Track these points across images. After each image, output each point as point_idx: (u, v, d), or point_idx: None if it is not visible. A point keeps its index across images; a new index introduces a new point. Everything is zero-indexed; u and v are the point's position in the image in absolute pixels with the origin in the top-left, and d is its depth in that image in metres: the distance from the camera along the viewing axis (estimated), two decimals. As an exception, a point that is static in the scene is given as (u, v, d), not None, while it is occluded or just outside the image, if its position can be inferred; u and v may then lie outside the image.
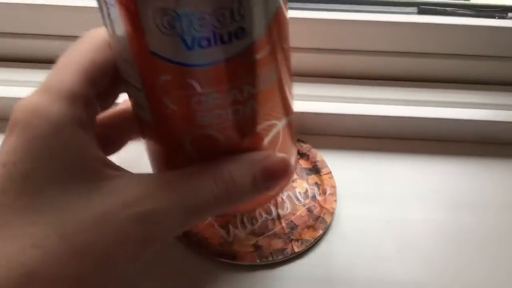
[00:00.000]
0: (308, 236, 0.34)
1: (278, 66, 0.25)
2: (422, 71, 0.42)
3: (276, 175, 0.26)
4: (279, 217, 0.35)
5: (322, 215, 0.35)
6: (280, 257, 0.33)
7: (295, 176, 0.38)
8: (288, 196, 0.36)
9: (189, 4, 0.21)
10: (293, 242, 0.33)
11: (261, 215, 0.35)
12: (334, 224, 0.35)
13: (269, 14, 0.23)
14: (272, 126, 0.27)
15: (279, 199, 0.36)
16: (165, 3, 0.21)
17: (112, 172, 0.24)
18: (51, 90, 0.24)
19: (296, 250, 0.33)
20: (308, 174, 0.38)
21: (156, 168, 0.30)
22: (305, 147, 0.39)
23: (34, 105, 0.23)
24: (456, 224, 0.35)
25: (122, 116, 0.30)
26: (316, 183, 0.37)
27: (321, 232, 0.34)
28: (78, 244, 0.22)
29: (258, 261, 0.32)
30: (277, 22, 0.23)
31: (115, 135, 0.30)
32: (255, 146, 0.27)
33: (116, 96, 0.29)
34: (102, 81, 0.26)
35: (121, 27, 0.22)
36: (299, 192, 0.37)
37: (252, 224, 0.35)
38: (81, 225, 0.22)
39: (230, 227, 0.34)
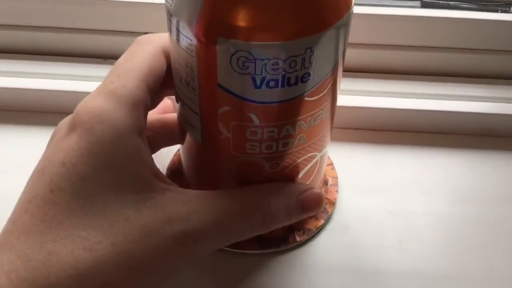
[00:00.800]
0: (310, 225, 0.34)
1: (330, 104, 0.27)
2: (425, 65, 0.42)
3: (310, 208, 0.29)
4: (281, 207, 0.35)
5: (324, 205, 0.35)
6: (282, 246, 0.33)
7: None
8: (291, 187, 0.37)
9: (267, 51, 0.22)
10: (295, 231, 0.34)
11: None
12: (335, 214, 0.35)
13: (333, 62, 0.25)
14: (312, 157, 0.29)
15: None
16: (244, 47, 0.22)
17: (161, 184, 0.25)
18: (115, 95, 0.25)
19: (298, 239, 0.33)
20: (310, 166, 0.38)
21: (190, 174, 0.33)
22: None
23: (99, 109, 0.24)
24: (458, 216, 0.35)
25: (163, 123, 0.32)
26: (318, 174, 0.38)
27: (322, 221, 0.34)
28: (127, 253, 0.23)
29: (260, 250, 0.33)
30: (336, 68, 0.26)
31: (155, 140, 0.31)
32: (295, 174, 0.29)
33: (160, 100, 0.31)
34: (157, 87, 0.27)
35: (192, 57, 0.24)
36: (301, 183, 0.37)
37: (255, 214, 0.35)
38: (130, 236, 0.23)
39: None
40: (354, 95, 0.40)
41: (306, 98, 0.25)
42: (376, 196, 0.36)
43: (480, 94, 0.41)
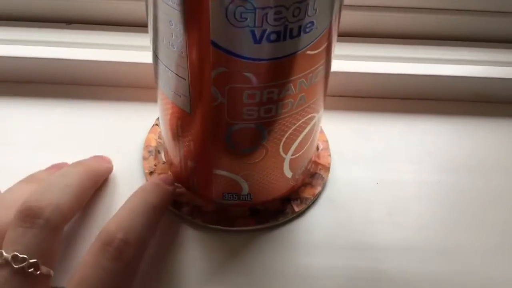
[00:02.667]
0: (307, 194, 0.32)
1: (329, 60, 0.25)
2: (414, 28, 0.40)
3: None
4: (273, 177, 0.33)
5: (318, 171, 0.33)
6: (280, 218, 0.31)
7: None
8: (280, 155, 0.34)
9: None
10: (292, 201, 0.31)
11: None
12: (330, 179, 0.33)
13: (336, 9, 0.22)
14: (311, 118, 0.27)
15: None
16: None
17: None
18: None
19: (296, 209, 0.31)
20: (297, 131, 0.36)
21: (174, 151, 0.29)
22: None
23: None
24: (448, 185, 0.33)
25: None
26: (307, 139, 0.35)
27: (319, 188, 0.32)
28: None
29: (257, 225, 0.30)
30: (338, 17, 0.23)
31: None
32: (294, 138, 0.27)
33: None
34: None
35: (177, 10, 0.21)
36: (291, 150, 0.35)
37: (246, 187, 0.32)
38: None
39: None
40: (341, 59, 0.38)
41: (308, 52, 0.22)
42: (364, 166, 0.34)
43: (470, 58, 0.39)
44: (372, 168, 0.34)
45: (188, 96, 0.24)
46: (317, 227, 0.31)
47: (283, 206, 0.31)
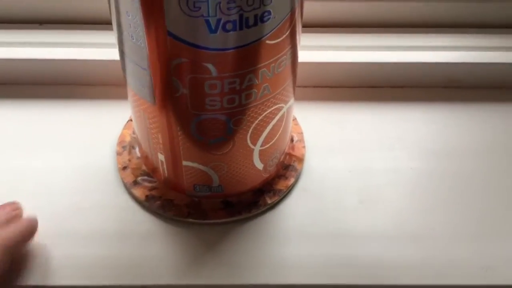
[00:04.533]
0: (280, 186, 0.32)
1: (294, 50, 0.25)
2: (383, 16, 0.40)
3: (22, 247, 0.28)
4: (247, 170, 0.33)
5: (292, 163, 0.33)
6: (253, 210, 0.31)
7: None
8: (254, 148, 0.34)
9: None
10: (265, 193, 0.31)
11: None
12: (304, 170, 0.33)
13: None
14: (279, 109, 0.27)
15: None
16: None
17: None
18: None
19: (269, 201, 0.31)
20: (272, 123, 0.36)
21: (145, 144, 0.29)
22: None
23: None
24: (420, 171, 0.33)
25: None
26: (281, 132, 0.35)
27: (292, 180, 0.32)
28: None
29: (230, 218, 0.30)
30: (299, 7, 0.23)
31: None
32: (262, 129, 0.27)
33: None
34: None
35: (134, 1, 0.21)
36: (265, 142, 0.35)
37: (219, 180, 0.32)
38: None
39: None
40: (309, 50, 0.38)
41: (267, 42, 0.22)
42: (337, 155, 0.34)
43: (440, 44, 0.39)
44: (345, 157, 0.34)
45: (151, 87, 0.24)
46: (290, 218, 0.31)
47: (256, 198, 0.31)
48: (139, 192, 0.31)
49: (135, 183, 0.31)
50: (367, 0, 0.39)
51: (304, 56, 0.36)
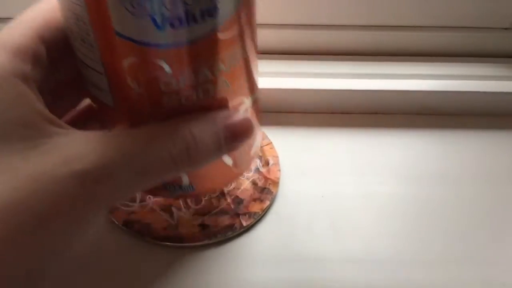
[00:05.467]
0: (255, 208, 0.33)
1: (247, 42, 0.25)
2: (357, 44, 0.41)
3: (239, 134, 0.25)
4: (223, 193, 0.34)
5: (267, 186, 0.34)
6: (229, 233, 0.31)
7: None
8: (231, 172, 0.35)
9: None
10: (240, 216, 0.32)
11: (204, 194, 0.34)
12: (279, 194, 0.34)
13: None
14: (240, 104, 0.26)
15: (221, 176, 0.35)
16: None
17: (56, 129, 0.22)
18: None
19: (245, 224, 0.32)
20: (248, 148, 0.37)
21: None
22: (242, 120, 0.38)
23: None
24: (391, 196, 0.34)
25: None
26: (258, 156, 0.36)
27: (268, 203, 0.33)
28: (12, 204, 0.19)
29: (206, 240, 0.31)
30: (249, 1, 0.23)
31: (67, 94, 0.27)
32: None
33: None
34: (55, 40, 0.24)
35: (81, 6, 0.21)
36: (242, 166, 0.36)
37: (197, 204, 0.33)
38: (13, 184, 0.20)
39: (174, 209, 0.33)
40: (286, 77, 0.39)
41: (219, 36, 0.22)
42: (310, 180, 0.35)
43: (412, 72, 0.40)
44: (318, 182, 0.35)
45: (107, 89, 0.24)
46: (263, 241, 0.32)
47: (232, 221, 0.32)
48: (117, 216, 0.32)
49: (114, 208, 0.32)
50: (341, 29, 0.40)
51: (279, 83, 0.38)
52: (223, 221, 0.32)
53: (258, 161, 0.36)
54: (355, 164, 0.36)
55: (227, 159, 0.29)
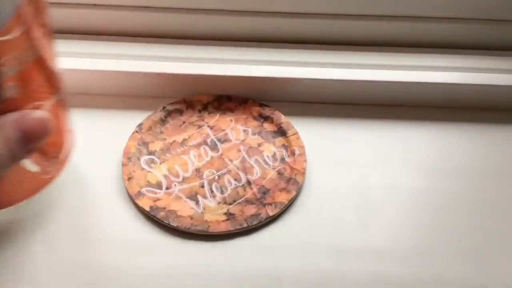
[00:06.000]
0: (281, 198, 0.32)
1: (38, 42, 0.23)
2: (387, 34, 0.40)
3: (34, 136, 0.24)
4: (249, 182, 0.34)
5: (293, 176, 0.34)
6: (255, 222, 0.31)
7: (261, 140, 0.36)
8: (256, 161, 0.35)
9: None
10: (266, 206, 0.32)
11: (230, 182, 0.34)
12: (305, 184, 0.34)
13: None
14: (37, 106, 0.25)
15: (247, 164, 0.34)
16: None
17: None
18: None
19: (271, 213, 0.32)
20: (274, 137, 0.37)
21: None
22: (268, 109, 0.38)
23: None
24: (418, 190, 0.34)
25: None
26: (283, 145, 0.36)
27: (294, 193, 0.33)
28: None
29: (231, 228, 0.31)
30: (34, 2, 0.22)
31: None
32: None
33: None
34: None
35: None
36: (267, 156, 0.35)
37: (222, 193, 0.33)
38: None
39: (199, 197, 0.33)
40: (315, 67, 0.38)
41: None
42: (337, 172, 0.35)
43: (441, 64, 0.39)
44: (343, 173, 0.35)
45: None
46: (289, 231, 0.32)
47: (258, 210, 0.32)
48: (143, 202, 0.32)
49: (140, 193, 0.32)
50: (368, 20, 0.39)
51: (310, 73, 0.37)
52: (249, 210, 0.32)
53: (283, 150, 0.35)
54: (379, 156, 0.36)
55: (31, 165, 0.27)
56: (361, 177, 0.34)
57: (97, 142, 0.35)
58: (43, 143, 0.25)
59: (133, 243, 0.31)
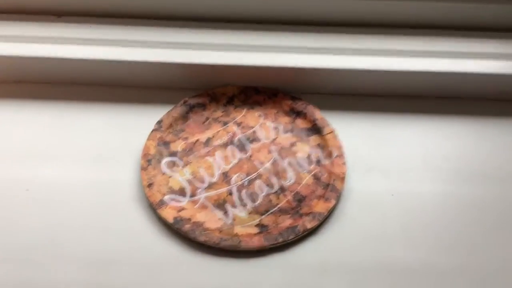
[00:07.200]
0: (320, 208, 0.29)
1: None
2: (439, 18, 0.36)
3: None
4: (282, 189, 0.30)
5: (332, 182, 0.30)
6: (291, 236, 0.28)
7: (293, 139, 0.32)
8: (290, 163, 0.31)
9: None
10: (303, 217, 0.29)
11: (261, 189, 0.30)
12: (345, 191, 0.30)
13: None
14: None
15: (279, 168, 0.31)
16: None
17: None
18: None
19: (308, 226, 0.28)
20: (308, 135, 0.33)
21: None
22: (300, 103, 0.34)
23: None
24: (470, 197, 0.30)
25: None
26: (319, 145, 0.32)
27: (333, 202, 0.29)
28: None
29: (265, 243, 0.28)
30: None
31: None
32: None
33: None
34: None
35: None
36: (301, 157, 0.32)
37: (253, 201, 0.30)
38: None
39: (228, 206, 0.29)
40: (350, 55, 0.34)
41: None
42: (378, 176, 0.31)
43: (497, 51, 0.34)
44: (387, 178, 0.31)
45: None
46: (330, 246, 0.28)
47: (294, 222, 0.28)
48: (166, 213, 0.28)
49: (162, 202, 0.29)
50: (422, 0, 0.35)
51: (348, 61, 0.33)
52: (284, 221, 0.29)
53: (319, 151, 0.32)
54: (430, 157, 0.32)
55: None
56: (408, 183, 0.31)
57: (111, 141, 0.32)
58: None
59: (154, 261, 0.27)
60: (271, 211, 0.29)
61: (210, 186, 0.30)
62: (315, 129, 0.33)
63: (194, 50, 0.34)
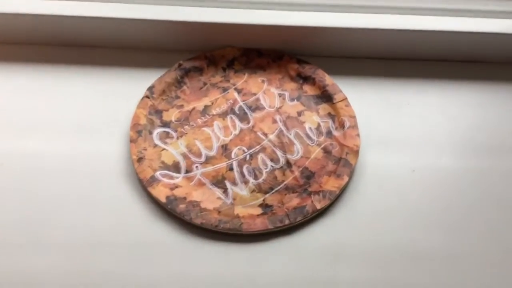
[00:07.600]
0: (331, 185, 0.26)
1: None
2: None
3: None
4: (289, 164, 0.27)
5: (344, 156, 0.27)
6: (299, 218, 0.25)
7: (301, 108, 0.29)
8: (297, 135, 0.28)
9: None
10: (312, 195, 0.25)
11: (265, 163, 0.27)
12: (359, 166, 0.27)
13: None
14: None
15: (285, 140, 0.28)
16: None
17: None
18: None
19: (318, 206, 0.25)
20: (317, 103, 0.29)
21: None
22: (308, 67, 0.30)
23: None
24: (498, 173, 0.27)
25: None
26: (329, 114, 0.29)
27: (346, 178, 0.26)
28: None
29: (270, 226, 0.25)
30: None
31: None
32: None
33: None
34: None
35: None
36: (310, 128, 0.28)
37: (256, 177, 0.26)
38: None
39: (228, 184, 0.26)
40: (362, 12, 0.30)
41: None
42: (397, 149, 0.28)
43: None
44: (407, 151, 0.28)
45: None
46: (343, 230, 0.25)
47: (301, 202, 0.25)
48: (158, 191, 0.25)
49: (153, 179, 0.26)
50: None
51: (361, 20, 0.30)
52: (290, 200, 0.26)
53: (330, 121, 0.28)
54: (454, 128, 0.29)
55: None
56: (430, 157, 0.28)
57: (96, 110, 0.29)
58: None
59: (144, 246, 0.24)
60: (276, 189, 0.26)
61: (208, 160, 0.27)
62: (325, 96, 0.29)
63: (190, 7, 0.30)
